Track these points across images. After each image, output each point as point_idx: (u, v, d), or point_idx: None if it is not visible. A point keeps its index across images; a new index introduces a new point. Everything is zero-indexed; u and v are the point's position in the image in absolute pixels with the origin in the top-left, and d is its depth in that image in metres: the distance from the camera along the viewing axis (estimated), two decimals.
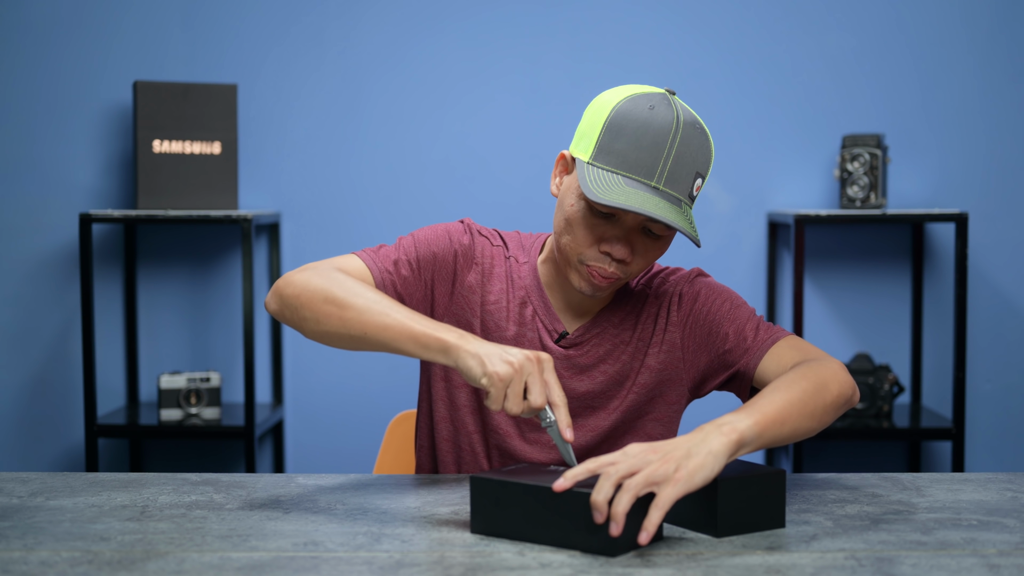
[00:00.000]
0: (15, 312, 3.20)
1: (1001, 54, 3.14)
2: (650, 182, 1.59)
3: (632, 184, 1.58)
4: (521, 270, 1.78)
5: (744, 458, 3.03)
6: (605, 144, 1.61)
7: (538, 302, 1.76)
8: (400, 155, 3.17)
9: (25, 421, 3.22)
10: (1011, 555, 1.35)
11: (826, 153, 3.17)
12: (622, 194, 1.57)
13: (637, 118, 1.59)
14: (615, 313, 1.78)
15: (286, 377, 3.22)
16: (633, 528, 1.35)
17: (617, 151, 1.59)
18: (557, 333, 1.76)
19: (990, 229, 3.16)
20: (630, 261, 1.64)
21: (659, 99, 1.61)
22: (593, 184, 1.58)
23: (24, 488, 1.66)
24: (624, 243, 1.63)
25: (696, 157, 1.61)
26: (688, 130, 1.60)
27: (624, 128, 1.60)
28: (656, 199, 1.58)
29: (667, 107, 1.60)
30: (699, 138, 1.62)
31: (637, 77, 3.15)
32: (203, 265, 3.21)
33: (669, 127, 1.59)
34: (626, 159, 1.59)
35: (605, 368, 1.77)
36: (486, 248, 1.79)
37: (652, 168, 1.58)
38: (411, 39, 3.17)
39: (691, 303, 1.76)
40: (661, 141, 1.58)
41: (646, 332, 1.77)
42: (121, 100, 3.16)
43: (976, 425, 3.19)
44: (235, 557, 1.34)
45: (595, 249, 1.64)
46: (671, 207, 1.59)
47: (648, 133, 1.58)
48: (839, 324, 3.20)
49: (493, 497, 1.41)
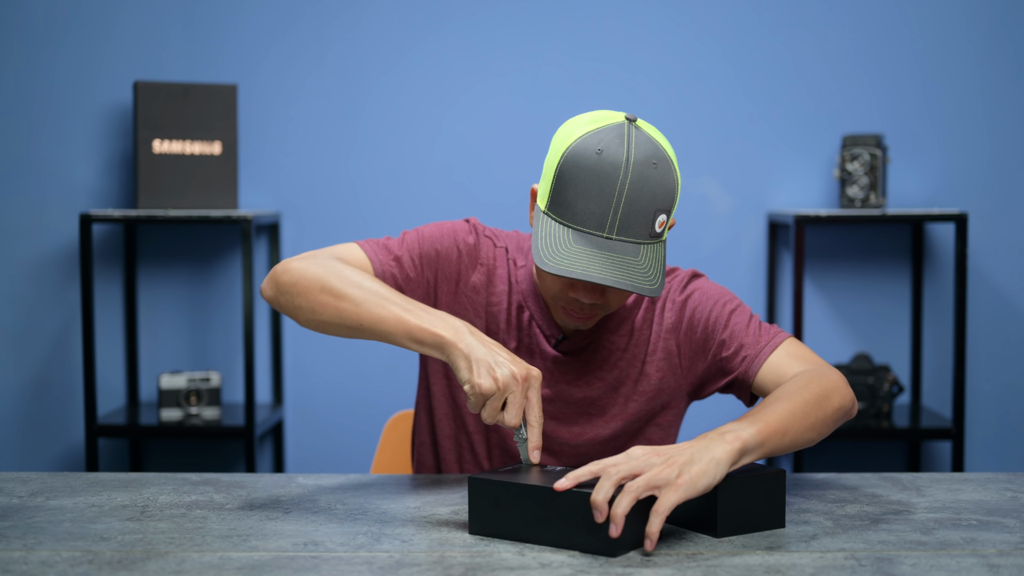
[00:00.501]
0: (15, 312, 3.20)
1: (1002, 54, 3.14)
2: (601, 234, 1.54)
3: (581, 241, 1.55)
4: (519, 274, 1.77)
5: None
6: (557, 193, 1.57)
7: (535, 307, 1.76)
8: (400, 155, 3.17)
9: (25, 421, 3.22)
10: (1011, 555, 1.35)
11: (826, 153, 3.17)
12: (568, 257, 1.54)
13: (584, 166, 1.54)
14: (611, 318, 1.77)
15: (286, 377, 3.22)
16: (633, 529, 1.35)
17: (567, 202, 1.56)
18: (555, 339, 1.76)
19: (990, 229, 3.16)
20: (601, 303, 1.63)
21: (611, 137, 1.55)
22: (543, 244, 1.56)
23: (24, 488, 1.66)
24: (589, 292, 1.61)
25: (654, 195, 1.55)
26: (640, 170, 1.54)
27: (572, 178, 1.55)
28: (605, 255, 1.54)
29: (618, 146, 1.55)
30: (656, 175, 1.55)
31: (637, 77, 3.16)
32: (203, 265, 3.21)
33: (616, 174, 1.53)
34: (575, 212, 1.55)
35: (603, 375, 1.76)
36: (490, 249, 1.78)
37: (602, 219, 1.54)
38: (411, 39, 3.17)
39: (686, 310, 1.75)
40: (608, 190, 1.53)
41: (643, 339, 1.76)
42: (121, 100, 3.16)
43: (976, 425, 3.19)
44: (235, 557, 1.34)
45: (564, 293, 1.63)
46: (622, 259, 1.54)
47: (595, 182, 1.54)
48: (839, 324, 3.20)
49: (492, 498, 1.41)
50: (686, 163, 3.18)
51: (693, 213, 3.18)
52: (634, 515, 1.34)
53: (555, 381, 1.75)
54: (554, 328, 1.75)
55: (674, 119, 3.17)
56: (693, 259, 3.17)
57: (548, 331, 1.75)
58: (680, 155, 3.18)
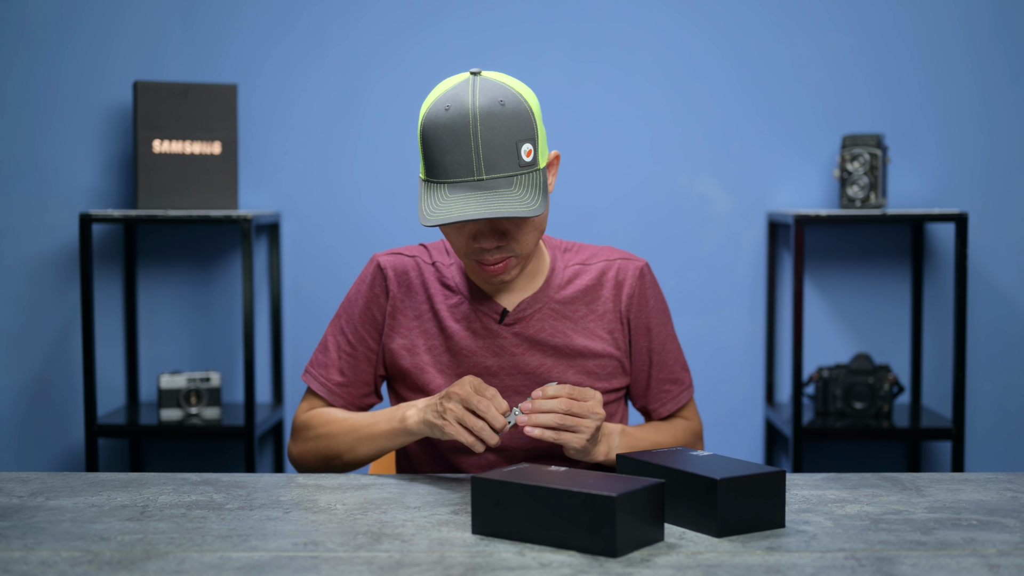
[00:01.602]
0: (15, 312, 3.20)
1: (1001, 54, 3.14)
2: (472, 177, 1.65)
3: (456, 189, 1.66)
4: (449, 271, 1.87)
5: (743, 459, 3.03)
6: (426, 158, 1.69)
7: (469, 292, 1.85)
8: (400, 155, 3.17)
9: (25, 421, 3.22)
10: (1011, 555, 1.35)
11: (826, 153, 3.17)
12: (444, 207, 1.65)
13: (437, 125, 1.66)
14: (556, 288, 1.86)
15: (286, 377, 3.22)
16: (633, 529, 1.35)
17: (435, 162, 1.68)
18: (497, 314, 1.84)
19: (990, 229, 3.16)
20: (504, 243, 1.72)
21: (456, 93, 1.67)
22: (424, 206, 1.68)
23: (24, 488, 1.66)
24: (488, 234, 1.72)
25: (509, 129, 1.66)
26: (488, 110, 1.65)
27: (432, 139, 1.67)
28: (479, 195, 1.65)
29: (463, 97, 1.66)
30: (505, 111, 1.66)
31: (637, 77, 3.16)
32: (203, 265, 3.21)
33: (466, 121, 1.64)
34: (445, 167, 1.66)
35: (555, 343, 1.84)
36: (401, 265, 1.89)
37: (468, 165, 1.65)
38: (411, 39, 3.17)
39: (639, 310, 1.88)
40: (464, 137, 1.65)
41: (595, 313, 1.86)
42: (121, 100, 3.16)
43: (976, 425, 3.19)
44: (235, 557, 1.34)
45: (470, 246, 1.73)
46: (496, 194, 1.65)
47: (451, 135, 1.65)
48: (839, 324, 3.20)
49: (494, 497, 1.41)
50: (686, 163, 3.19)
51: (693, 213, 3.18)
52: (635, 516, 1.34)
53: (508, 355, 1.84)
54: (495, 305, 1.84)
55: (674, 119, 3.17)
56: (693, 259, 3.17)
57: (489, 311, 1.84)
58: (680, 155, 3.20)
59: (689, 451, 1.59)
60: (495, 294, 1.84)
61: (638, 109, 3.15)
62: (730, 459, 1.52)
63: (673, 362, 1.92)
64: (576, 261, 1.88)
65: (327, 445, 1.83)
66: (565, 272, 1.87)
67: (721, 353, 3.16)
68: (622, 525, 1.33)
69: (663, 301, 1.92)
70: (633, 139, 3.15)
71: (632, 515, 1.34)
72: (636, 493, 1.35)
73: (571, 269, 1.87)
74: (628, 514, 1.33)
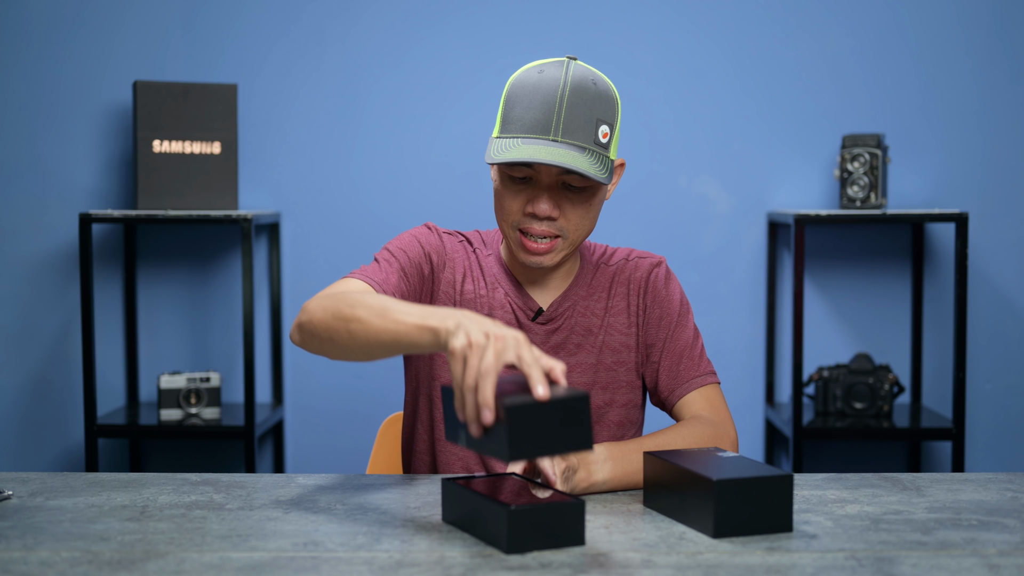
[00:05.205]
0: (15, 312, 3.20)
1: (1001, 54, 3.14)
2: (547, 136, 1.67)
3: (529, 141, 1.67)
4: (487, 261, 1.87)
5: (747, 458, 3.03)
6: (505, 116, 1.72)
7: (508, 285, 1.85)
8: (400, 155, 3.17)
9: (25, 421, 3.22)
10: (1011, 555, 1.35)
11: (826, 153, 3.17)
12: (516, 151, 1.66)
13: (527, 84, 1.71)
14: (584, 288, 1.86)
15: (286, 377, 3.22)
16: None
17: (515, 119, 1.70)
18: (532, 311, 1.83)
19: (990, 229, 3.16)
20: (557, 216, 1.72)
21: (552, 64, 1.72)
22: (495, 152, 1.69)
23: (24, 488, 1.66)
24: (545, 200, 1.71)
25: (594, 104, 1.69)
26: (579, 84, 1.69)
27: (517, 96, 1.71)
28: (553, 148, 1.66)
29: (557, 68, 1.71)
30: (595, 88, 1.70)
31: (637, 77, 3.16)
32: (203, 265, 3.21)
33: (557, 84, 1.68)
34: (523, 123, 1.69)
35: (584, 343, 1.84)
36: (453, 244, 1.87)
37: (547, 124, 1.67)
38: (411, 39, 3.17)
39: (652, 302, 1.86)
40: (551, 98, 1.68)
41: (617, 311, 1.86)
42: (121, 100, 3.16)
43: (976, 425, 3.19)
44: (235, 557, 1.34)
45: (521, 213, 1.73)
46: (570, 153, 1.66)
47: (538, 94, 1.69)
48: (839, 324, 3.20)
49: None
50: (686, 163, 3.19)
51: (693, 213, 3.18)
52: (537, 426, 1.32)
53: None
54: (531, 301, 1.83)
55: (674, 119, 3.17)
56: (693, 259, 3.17)
57: (525, 306, 1.83)
58: (680, 155, 3.20)
59: (717, 451, 1.56)
60: (528, 284, 1.84)
61: (638, 109, 3.14)
62: (750, 461, 1.51)
63: (689, 348, 1.85)
64: (599, 260, 1.89)
65: (347, 302, 1.56)
66: (594, 272, 1.88)
67: (721, 353, 3.16)
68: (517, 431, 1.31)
69: (679, 294, 1.88)
70: (633, 139, 3.15)
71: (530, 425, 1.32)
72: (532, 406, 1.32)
73: (598, 269, 1.88)
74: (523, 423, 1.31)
